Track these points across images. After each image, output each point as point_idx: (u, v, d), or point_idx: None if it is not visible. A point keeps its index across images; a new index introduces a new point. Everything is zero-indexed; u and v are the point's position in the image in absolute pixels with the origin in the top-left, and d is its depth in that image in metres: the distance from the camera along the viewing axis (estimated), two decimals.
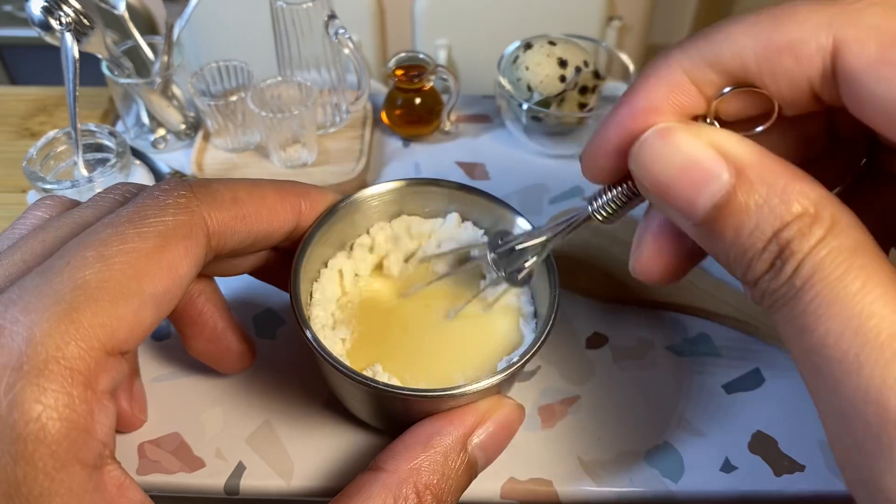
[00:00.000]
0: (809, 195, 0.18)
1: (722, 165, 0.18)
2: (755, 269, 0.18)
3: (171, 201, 0.26)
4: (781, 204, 0.18)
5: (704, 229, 0.19)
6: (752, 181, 0.18)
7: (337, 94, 0.53)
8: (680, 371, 0.38)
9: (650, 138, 0.20)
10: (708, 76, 0.20)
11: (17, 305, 0.22)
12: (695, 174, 0.19)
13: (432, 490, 0.27)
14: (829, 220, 0.17)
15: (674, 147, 0.19)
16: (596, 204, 0.24)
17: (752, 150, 0.19)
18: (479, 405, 0.29)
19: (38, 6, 0.41)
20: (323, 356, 0.28)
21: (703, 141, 0.19)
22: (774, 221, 0.18)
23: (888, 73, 0.16)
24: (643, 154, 0.20)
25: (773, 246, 0.18)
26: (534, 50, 0.51)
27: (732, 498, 0.33)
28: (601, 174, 0.23)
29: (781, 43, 0.18)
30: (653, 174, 0.20)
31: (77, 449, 0.21)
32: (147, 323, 0.24)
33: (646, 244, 0.23)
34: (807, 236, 0.17)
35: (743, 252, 0.18)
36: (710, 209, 0.19)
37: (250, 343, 0.34)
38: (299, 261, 0.31)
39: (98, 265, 0.23)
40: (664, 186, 0.20)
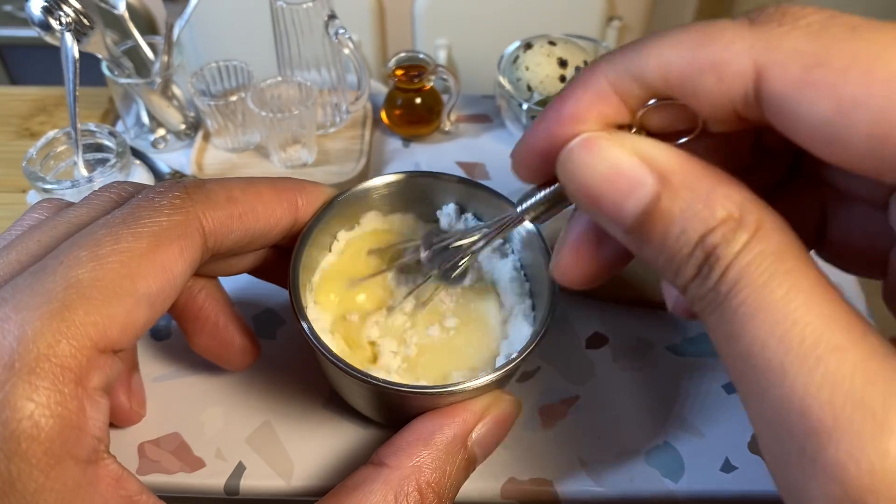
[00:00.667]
0: (734, 198, 0.18)
1: (646, 172, 0.18)
2: (683, 275, 0.18)
3: (165, 202, 0.26)
4: (705, 209, 0.18)
5: (633, 236, 0.19)
6: (675, 187, 0.18)
7: (337, 94, 0.53)
8: (680, 371, 0.38)
9: (576, 148, 0.20)
10: (631, 88, 0.20)
11: (9, 304, 0.22)
12: (620, 182, 0.19)
13: (434, 488, 0.27)
14: (755, 223, 0.17)
15: (599, 156, 0.19)
16: (525, 204, 0.24)
17: (676, 156, 0.19)
18: (477, 401, 0.30)
19: (38, 6, 0.41)
20: (322, 352, 0.28)
21: (626, 149, 0.19)
22: (699, 226, 0.18)
23: (810, 95, 0.16)
24: (570, 163, 0.20)
25: (698, 251, 0.18)
26: (534, 50, 0.51)
27: (732, 498, 0.33)
28: (529, 175, 0.23)
29: (704, 63, 0.18)
30: (579, 183, 0.20)
31: (70, 445, 0.21)
32: (140, 322, 0.24)
33: (566, 248, 0.23)
34: (731, 242, 0.17)
35: (671, 258, 0.18)
36: (638, 216, 0.19)
37: (253, 338, 0.34)
38: (298, 256, 0.31)
39: (91, 264, 0.23)
40: (591, 195, 0.20)
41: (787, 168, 0.24)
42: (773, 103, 0.17)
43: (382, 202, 0.35)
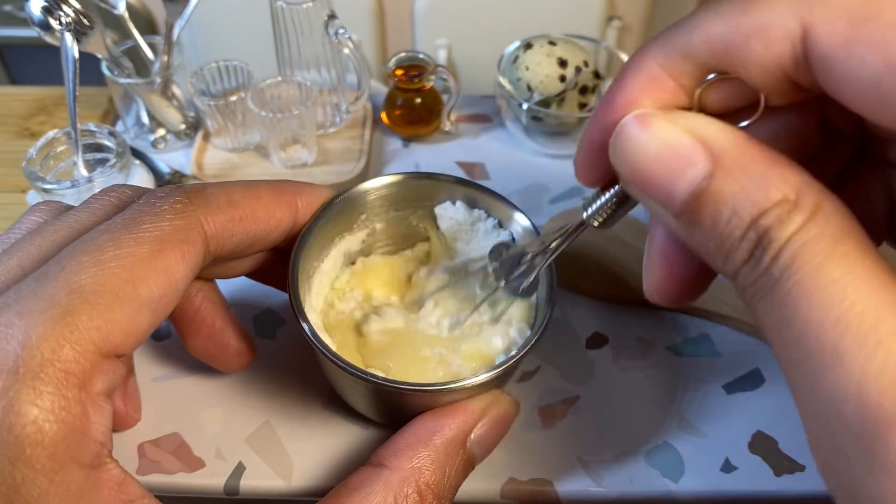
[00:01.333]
0: (790, 181, 0.17)
1: (699, 151, 0.18)
2: (734, 260, 0.17)
3: (166, 207, 0.26)
4: (759, 190, 0.17)
5: (683, 220, 0.18)
6: (729, 167, 0.17)
7: (337, 94, 0.53)
8: (680, 371, 0.38)
9: (626, 125, 0.19)
10: (683, 67, 0.19)
11: (13, 309, 0.22)
12: (671, 161, 0.18)
13: (434, 489, 0.27)
14: (811, 206, 0.16)
15: (650, 134, 0.19)
16: (591, 209, 0.24)
17: (731, 135, 0.18)
18: (476, 401, 0.30)
19: (38, 6, 0.41)
20: (322, 351, 0.28)
21: (679, 127, 0.18)
22: (752, 209, 0.17)
23: (860, 51, 0.16)
24: (620, 142, 0.19)
25: (751, 234, 0.17)
26: (534, 50, 0.51)
27: (732, 498, 0.33)
28: (591, 177, 0.23)
29: (749, 28, 0.17)
30: (630, 162, 0.19)
31: (74, 450, 0.21)
32: (143, 327, 0.24)
33: (655, 267, 0.22)
34: (786, 224, 0.16)
35: (721, 242, 0.17)
36: (688, 198, 0.18)
37: (250, 341, 0.34)
38: (297, 257, 0.31)
39: (94, 269, 0.23)
40: (642, 175, 0.19)
41: (854, 154, 0.23)
42: (822, 63, 0.17)
43: (380, 203, 0.35)
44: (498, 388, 0.31)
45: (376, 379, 0.28)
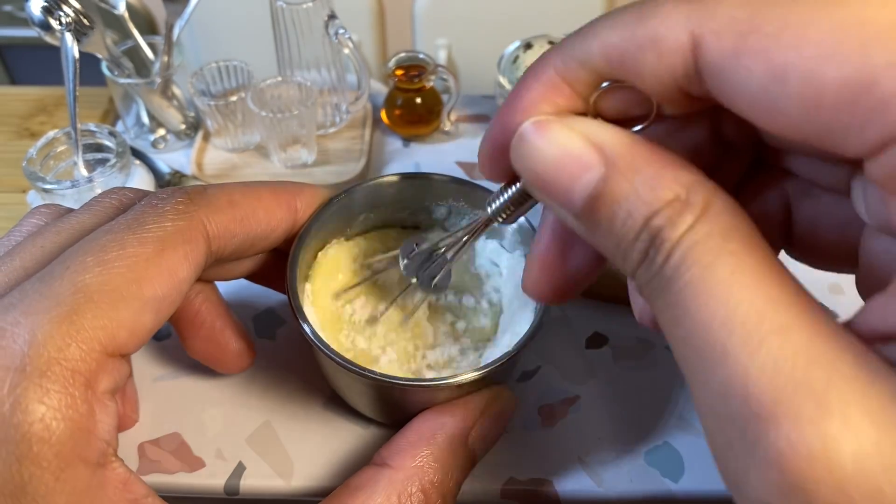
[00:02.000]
0: (681, 180, 0.17)
1: (593, 155, 0.18)
2: (631, 260, 0.18)
3: (169, 208, 0.26)
4: (651, 191, 0.17)
5: (583, 221, 0.19)
6: (622, 169, 0.18)
7: (337, 94, 0.53)
8: (680, 371, 0.38)
9: (525, 131, 0.20)
10: (580, 75, 0.19)
11: (18, 308, 0.22)
12: (568, 166, 0.18)
13: (438, 488, 0.27)
14: (701, 204, 0.16)
15: (547, 139, 0.19)
16: (494, 205, 0.24)
17: (624, 138, 0.18)
18: (476, 398, 0.30)
19: (38, 6, 0.41)
20: (321, 348, 0.29)
21: (574, 132, 0.19)
22: (644, 209, 0.17)
23: (746, 62, 0.16)
24: (520, 147, 0.20)
25: (644, 235, 0.17)
26: (534, 50, 0.51)
27: (732, 498, 0.33)
28: (493, 173, 0.23)
29: (643, 39, 0.18)
30: (530, 167, 0.19)
31: (80, 448, 0.22)
32: (147, 326, 0.24)
33: (533, 264, 0.23)
34: (676, 223, 0.16)
35: (618, 243, 0.18)
36: (585, 201, 0.18)
37: (249, 343, 0.34)
38: (294, 258, 0.31)
39: (98, 269, 0.23)
40: (541, 179, 0.19)
41: (749, 163, 0.24)
42: (711, 74, 0.17)
43: (376, 204, 0.35)
44: (497, 383, 0.31)
45: (374, 375, 0.28)
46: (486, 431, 0.30)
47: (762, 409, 0.14)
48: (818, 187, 0.22)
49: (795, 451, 0.13)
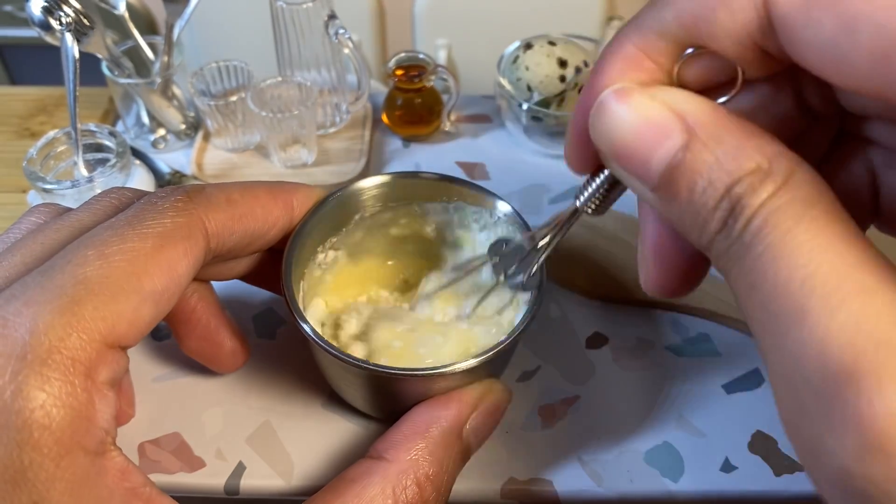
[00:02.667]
0: (764, 150, 0.17)
1: (675, 123, 0.18)
2: (709, 230, 0.18)
3: (168, 205, 0.27)
4: (733, 160, 0.17)
5: (661, 193, 0.18)
6: (704, 138, 0.17)
7: (337, 94, 0.53)
8: (680, 371, 0.38)
9: (605, 100, 0.19)
10: (659, 46, 0.19)
11: (20, 299, 0.22)
12: (648, 134, 0.18)
13: (433, 481, 0.28)
14: (784, 174, 0.16)
15: (627, 107, 0.19)
16: (582, 197, 0.24)
17: (707, 107, 0.18)
18: (470, 390, 0.30)
19: (38, 6, 0.41)
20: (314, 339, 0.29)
21: (656, 100, 0.18)
22: (726, 178, 0.17)
23: (815, 15, 0.16)
24: (599, 116, 0.19)
25: (724, 203, 0.17)
26: (534, 50, 0.51)
27: (732, 498, 0.33)
28: (580, 163, 0.23)
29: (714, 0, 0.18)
30: (608, 136, 0.19)
31: (80, 436, 0.22)
32: (146, 319, 0.25)
33: (648, 259, 0.23)
34: (758, 191, 0.16)
35: (696, 212, 0.18)
36: (664, 170, 0.18)
37: (244, 342, 0.35)
38: (289, 257, 0.31)
39: (98, 262, 0.24)
40: (620, 149, 0.19)
41: (834, 135, 0.23)
42: (783, 28, 0.17)
43: (372, 203, 0.36)
44: (491, 375, 0.32)
45: (367, 365, 0.28)
46: (480, 424, 0.30)
47: (841, 370, 0.14)
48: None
49: (877, 412, 0.13)
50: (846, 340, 0.14)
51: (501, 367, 0.35)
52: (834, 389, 0.14)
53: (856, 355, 0.13)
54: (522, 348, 0.39)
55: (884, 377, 0.13)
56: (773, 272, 0.16)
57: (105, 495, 0.22)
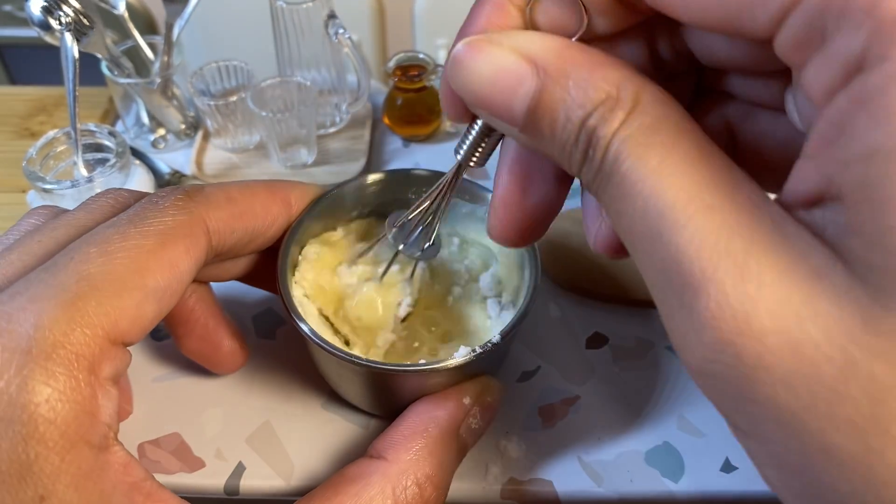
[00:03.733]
0: (611, 78, 0.18)
1: (525, 67, 0.18)
2: (574, 161, 0.19)
3: (168, 204, 0.27)
4: (583, 93, 0.18)
5: (528, 133, 0.19)
6: (555, 76, 0.18)
7: (337, 94, 0.53)
8: (680, 371, 0.38)
9: (458, 56, 0.20)
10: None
11: (24, 295, 0.23)
12: (503, 82, 0.19)
13: (433, 480, 0.28)
14: (631, 100, 0.17)
15: (479, 59, 0.19)
16: (462, 150, 0.24)
17: (554, 44, 0.19)
18: (466, 389, 0.31)
19: (38, 6, 0.41)
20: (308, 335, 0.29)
21: (504, 48, 0.19)
22: (579, 111, 0.18)
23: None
24: (455, 71, 0.20)
25: (582, 136, 0.18)
26: None
27: (732, 498, 0.33)
28: (454, 112, 0.23)
29: None
30: (468, 89, 0.20)
31: (84, 430, 0.22)
32: (149, 316, 0.25)
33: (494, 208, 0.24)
34: (609, 120, 0.17)
35: (561, 147, 0.19)
36: (526, 112, 0.19)
37: (242, 342, 0.35)
38: (285, 255, 0.32)
39: (101, 260, 0.24)
40: (481, 99, 0.20)
41: (692, 90, 0.24)
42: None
43: (365, 201, 0.36)
44: (486, 372, 0.32)
45: (362, 361, 0.29)
46: (476, 423, 0.30)
47: (693, 280, 0.16)
48: (757, 106, 0.22)
49: (722, 313, 0.15)
50: (694, 255, 0.16)
51: (497, 365, 0.35)
52: (690, 297, 0.16)
53: (702, 266, 0.15)
54: (522, 348, 0.39)
55: (726, 284, 0.15)
56: (631, 198, 0.17)
57: (108, 489, 0.23)
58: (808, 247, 0.15)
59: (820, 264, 0.15)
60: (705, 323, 0.15)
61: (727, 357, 0.15)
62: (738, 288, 0.15)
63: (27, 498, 0.21)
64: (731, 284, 0.15)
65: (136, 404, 0.36)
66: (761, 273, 0.15)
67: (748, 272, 0.15)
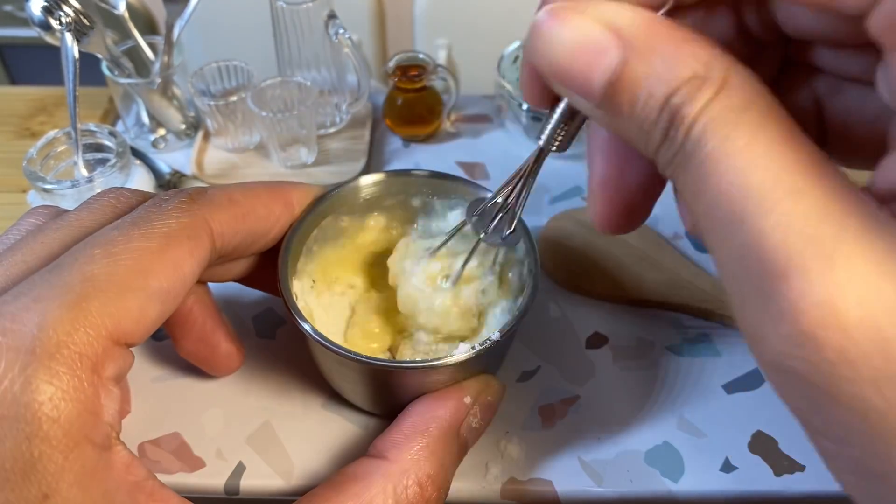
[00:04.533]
0: (699, 56, 0.17)
1: (609, 39, 0.18)
2: (653, 140, 0.18)
3: (172, 207, 0.27)
4: (669, 70, 0.17)
5: (605, 109, 0.19)
6: (640, 50, 0.17)
7: (337, 94, 0.53)
8: (680, 371, 0.38)
9: (538, 23, 0.19)
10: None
11: (28, 296, 0.23)
12: (585, 52, 0.18)
13: (434, 480, 0.28)
14: (720, 80, 0.17)
15: (560, 28, 0.18)
16: (544, 135, 0.24)
17: (641, 18, 0.18)
18: (467, 388, 0.31)
19: (38, 6, 0.41)
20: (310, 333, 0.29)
21: (588, 17, 0.18)
22: (663, 88, 0.17)
23: None
24: (535, 41, 0.19)
25: (665, 114, 0.17)
26: None
27: (732, 498, 0.33)
28: (535, 94, 0.22)
29: None
30: (547, 59, 0.19)
31: (87, 429, 0.22)
32: (152, 317, 0.25)
33: (594, 195, 0.23)
34: (695, 99, 0.17)
35: (640, 125, 0.18)
36: (605, 86, 0.18)
37: (239, 345, 0.35)
38: (286, 252, 0.32)
39: (105, 261, 0.24)
40: (560, 70, 0.19)
41: (779, 63, 0.23)
42: None
43: (364, 201, 0.36)
44: (486, 370, 0.32)
45: (362, 358, 0.29)
46: (476, 422, 0.30)
47: (776, 266, 0.15)
48: (847, 81, 0.22)
49: (805, 302, 0.14)
50: (779, 240, 0.15)
51: (497, 363, 0.35)
52: (770, 285, 0.15)
53: (787, 252, 0.15)
54: (522, 348, 0.39)
55: (811, 272, 0.14)
56: (714, 179, 0.16)
57: (112, 488, 0.23)
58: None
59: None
60: (786, 313, 0.14)
61: (807, 351, 0.14)
62: (825, 276, 0.14)
63: (31, 496, 0.21)
64: (818, 272, 0.14)
65: (136, 404, 0.36)
66: (852, 261, 0.14)
67: (836, 260, 0.14)
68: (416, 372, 0.29)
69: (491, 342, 0.29)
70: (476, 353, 0.29)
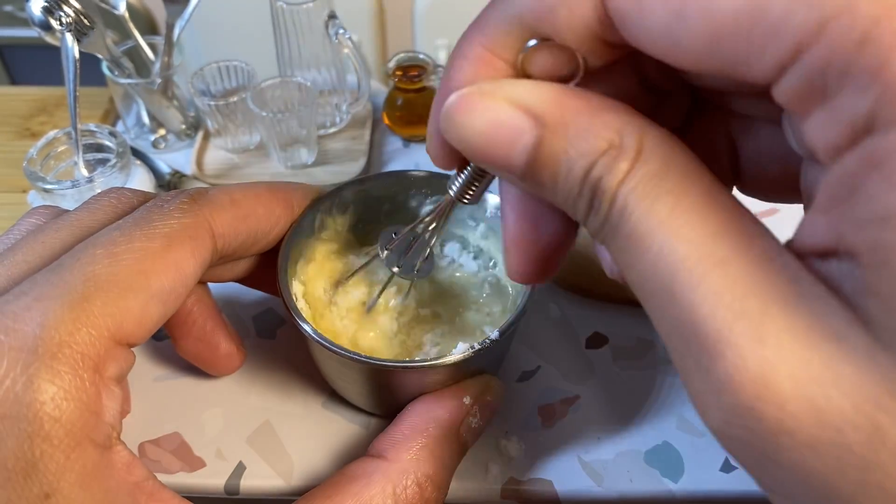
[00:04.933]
0: (612, 125, 0.17)
1: (523, 119, 0.18)
2: (580, 211, 0.18)
3: (173, 208, 0.27)
4: (585, 142, 0.17)
5: (529, 183, 0.19)
6: (554, 127, 0.17)
7: (337, 94, 0.53)
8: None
9: (450, 110, 0.19)
10: (505, 43, 0.19)
11: (30, 295, 0.23)
12: (500, 136, 0.18)
13: (433, 480, 0.28)
14: (635, 147, 0.17)
15: (473, 114, 0.19)
16: (454, 188, 0.24)
17: (551, 93, 0.18)
18: (466, 388, 0.31)
19: (39, 6, 0.41)
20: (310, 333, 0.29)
21: (499, 100, 0.18)
22: (581, 162, 0.17)
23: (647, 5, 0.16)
24: (449, 125, 0.19)
25: (586, 187, 0.17)
26: None
27: (732, 498, 0.33)
28: (444, 162, 0.23)
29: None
30: (464, 143, 0.19)
31: (89, 429, 0.22)
32: (153, 317, 0.25)
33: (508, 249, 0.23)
34: (614, 170, 0.17)
35: (565, 198, 0.18)
36: (526, 164, 0.18)
37: (239, 345, 0.35)
38: (286, 252, 0.32)
39: (107, 261, 0.24)
40: (479, 153, 0.19)
41: (687, 108, 0.24)
42: (619, 20, 0.17)
43: (361, 201, 0.36)
44: (485, 371, 0.32)
45: (361, 357, 0.29)
46: (476, 422, 0.30)
47: (708, 341, 0.15)
48: (757, 122, 0.22)
49: (741, 377, 0.14)
50: (708, 314, 0.15)
51: (496, 363, 0.35)
52: (707, 359, 0.15)
53: (717, 327, 0.15)
54: (522, 348, 0.39)
55: (742, 346, 0.14)
56: (640, 253, 0.16)
57: (113, 488, 0.23)
58: (827, 306, 0.15)
59: (839, 326, 0.14)
60: (724, 387, 0.15)
61: (748, 421, 0.15)
62: (755, 352, 0.14)
63: (32, 495, 0.21)
64: (749, 348, 0.14)
65: (137, 404, 0.36)
66: (779, 335, 0.14)
67: (765, 334, 0.14)
68: (414, 371, 0.29)
69: (490, 342, 0.29)
70: (474, 353, 0.29)
